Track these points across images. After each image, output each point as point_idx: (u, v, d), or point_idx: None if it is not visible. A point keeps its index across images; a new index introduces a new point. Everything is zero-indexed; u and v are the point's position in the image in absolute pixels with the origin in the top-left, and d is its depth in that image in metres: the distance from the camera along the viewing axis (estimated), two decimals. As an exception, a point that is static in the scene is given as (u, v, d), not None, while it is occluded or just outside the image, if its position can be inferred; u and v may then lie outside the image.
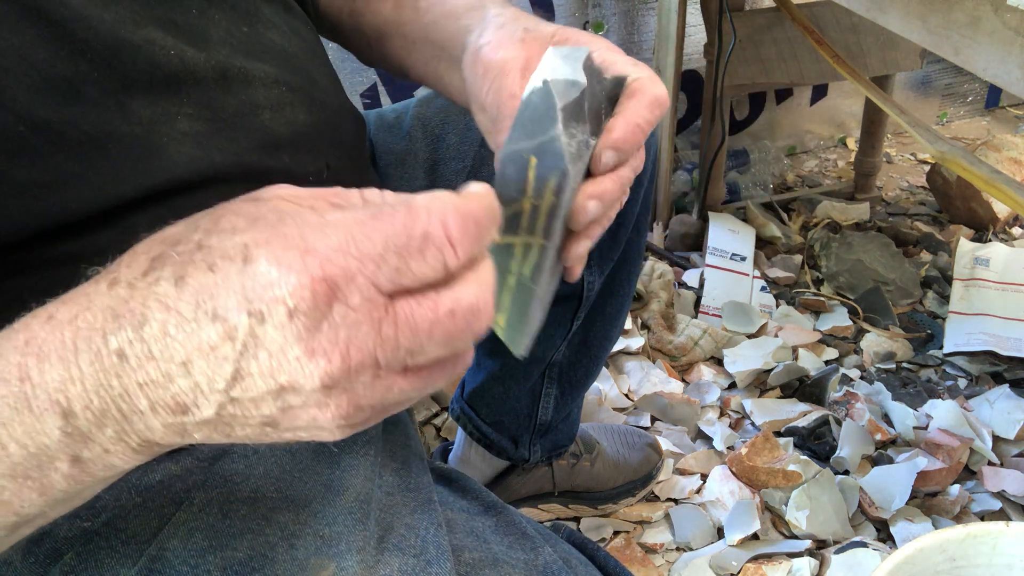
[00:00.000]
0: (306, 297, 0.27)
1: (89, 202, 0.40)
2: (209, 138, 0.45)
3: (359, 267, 0.27)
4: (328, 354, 0.27)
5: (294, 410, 0.29)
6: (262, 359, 0.28)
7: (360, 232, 0.27)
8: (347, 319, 0.27)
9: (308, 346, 0.27)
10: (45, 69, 0.39)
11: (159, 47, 0.43)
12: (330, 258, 0.27)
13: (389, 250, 0.27)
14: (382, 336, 0.28)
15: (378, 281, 0.27)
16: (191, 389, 0.28)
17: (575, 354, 0.99)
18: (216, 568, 0.47)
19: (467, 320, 0.29)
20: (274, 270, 0.27)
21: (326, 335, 0.27)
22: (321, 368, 0.27)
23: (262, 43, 0.50)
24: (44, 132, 0.39)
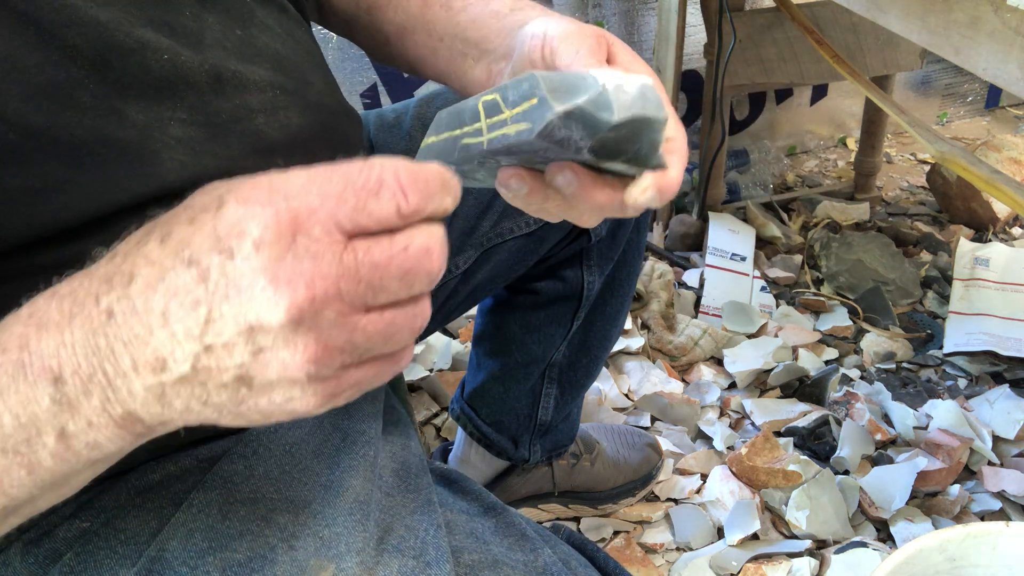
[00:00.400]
0: (270, 228, 0.28)
1: (82, 208, 0.40)
2: (202, 143, 0.45)
3: (320, 203, 0.29)
4: (293, 284, 0.28)
5: (265, 354, 0.29)
6: (231, 297, 0.29)
7: (321, 176, 0.30)
8: (310, 250, 0.29)
9: (274, 276, 0.28)
10: (36, 75, 0.39)
11: (152, 50, 0.43)
12: (293, 194, 0.29)
13: (348, 190, 0.29)
14: (343, 266, 0.29)
15: (338, 217, 0.29)
16: (168, 339, 0.29)
17: (575, 354, 0.99)
18: (215, 569, 0.47)
19: (420, 257, 0.30)
20: (241, 208, 0.29)
21: (290, 265, 0.28)
22: (287, 298, 0.28)
23: (256, 46, 0.50)
24: (36, 139, 0.39)
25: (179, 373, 0.30)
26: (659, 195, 0.40)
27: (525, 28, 0.49)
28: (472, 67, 0.55)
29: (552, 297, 0.92)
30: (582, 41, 0.45)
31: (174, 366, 0.30)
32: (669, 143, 0.41)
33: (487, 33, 0.54)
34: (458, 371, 1.39)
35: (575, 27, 0.46)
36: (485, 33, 0.54)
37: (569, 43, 0.45)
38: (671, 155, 0.41)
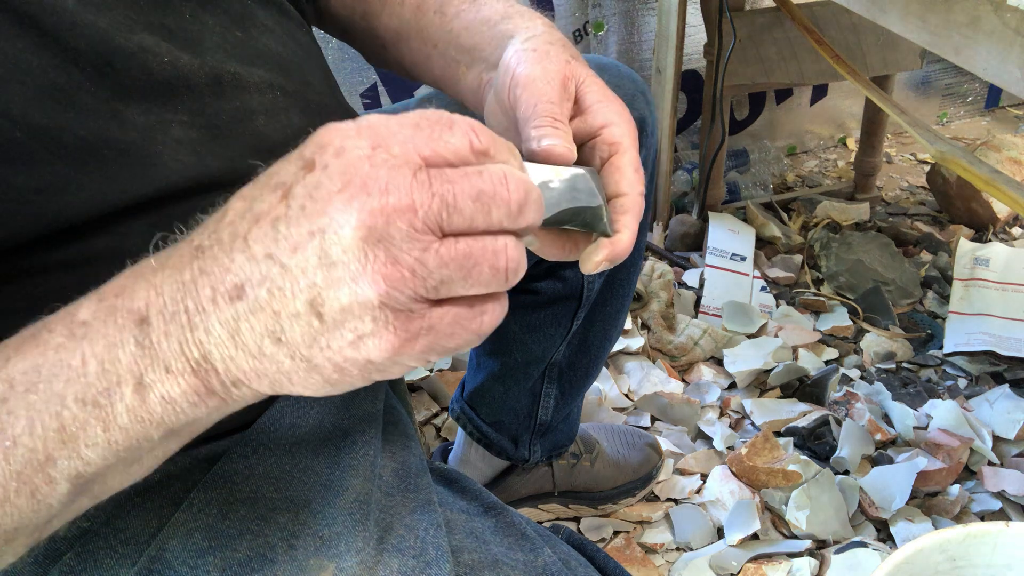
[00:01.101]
0: (351, 138, 0.30)
1: (84, 208, 0.40)
2: (203, 145, 0.45)
3: (399, 127, 0.30)
4: (367, 188, 0.29)
5: (336, 269, 0.29)
6: (308, 207, 0.29)
7: (399, 116, 0.31)
8: (387, 162, 0.29)
9: (349, 180, 0.29)
10: (39, 77, 0.39)
11: (152, 54, 0.43)
12: (374, 121, 0.31)
13: (424, 122, 0.31)
14: (418, 179, 0.29)
15: (416, 140, 0.30)
16: (247, 262, 0.30)
17: (575, 354, 0.99)
18: (215, 568, 0.47)
19: (496, 182, 0.30)
20: (328, 130, 0.31)
21: (367, 172, 0.29)
22: (359, 201, 0.28)
23: (256, 48, 0.50)
24: (40, 138, 0.39)
25: (254, 299, 0.30)
26: (611, 262, 0.43)
27: (507, 48, 0.49)
28: (465, 74, 0.55)
29: (552, 297, 0.92)
30: (542, 92, 0.45)
31: (250, 291, 0.30)
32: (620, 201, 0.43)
33: (478, 40, 0.54)
34: (458, 371, 1.39)
35: (539, 71, 0.46)
36: (476, 40, 0.54)
37: (529, 93, 0.45)
38: (623, 215, 0.43)
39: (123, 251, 0.42)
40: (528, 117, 0.44)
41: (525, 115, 0.44)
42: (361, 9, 0.64)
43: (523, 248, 0.32)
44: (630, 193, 0.44)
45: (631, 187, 0.44)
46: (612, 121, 0.46)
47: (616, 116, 0.47)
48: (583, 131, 0.46)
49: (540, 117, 0.44)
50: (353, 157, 0.29)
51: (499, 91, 0.48)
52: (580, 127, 0.46)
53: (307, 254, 0.29)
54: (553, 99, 0.45)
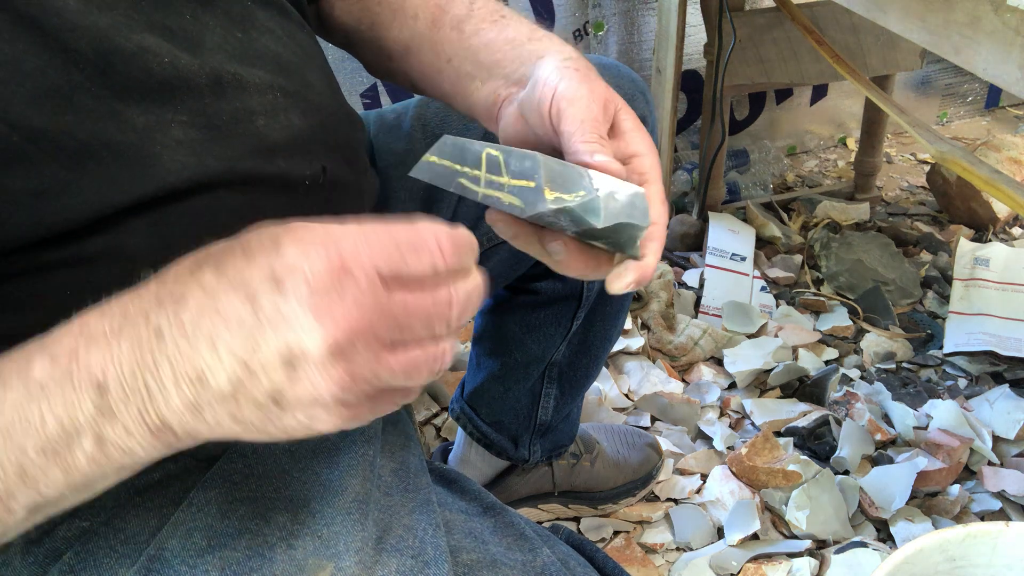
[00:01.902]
0: (321, 268, 0.32)
1: (84, 210, 0.40)
2: (203, 145, 0.45)
3: (368, 254, 0.33)
4: (335, 318, 0.32)
5: (299, 378, 0.32)
6: (279, 325, 0.32)
7: (371, 231, 0.34)
8: (353, 292, 0.32)
9: (318, 310, 0.32)
10: (38, 78, 0.39)
11: (152, 54, 0.43)
12: (344, 243, 0.33)
13: (392, 245, 0.33)
14: (379, 306, 0.33)
15: (380, 266, 0.33)
16: (212, 358, 0.32)
17: (575, 354, 0.99)
18: (215, 568, 0.47)
19: (443, 307, 0.35)
20: (297, 249, 0.33)
21: (335, 301, 0.32)
22: (328, 330, 0.32)
23: (256, 49, 0.50)
24: (38, 141, 0.39)
25: (217, 389, 0.33)
26: (637, 285, 0.46)
27: (542, 64, 0.50)
28: (478, 89, 0.56)
29: (552, 297, 0.92)
30: (589, 109, 0.47)
31: (213, 382, 0.33)
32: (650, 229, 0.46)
33: (500, 58, 0.55)
34: (458, 371, 1.39)
35: (585, 90, 0.48)
36: (498, 58, 0.55)
37: (576, 109, 0.47)
38: (650, 242, 0.46)
39: (123, 250, 0.43)
40: (574, 132, 0.46)
41: (570, 129, 0.47)
42: (369, 20, 0.63)
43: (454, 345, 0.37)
44: (659, 223, 0.47)
45: (659, 217, 0.47)
46: (643, 152, 0.49)
47: (647, 148, 0.50)
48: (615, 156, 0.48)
49: (589, 132, 0.46)
50: (321, 289, 0.32)
51: (533, 104, 0.49)
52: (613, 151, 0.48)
53: (274, 362, 0.32)
54: (598, 117, 0.47)
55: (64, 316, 0.42)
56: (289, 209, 0.49)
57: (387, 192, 0.73)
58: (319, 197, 0.52)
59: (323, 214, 0.52)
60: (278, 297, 0.32)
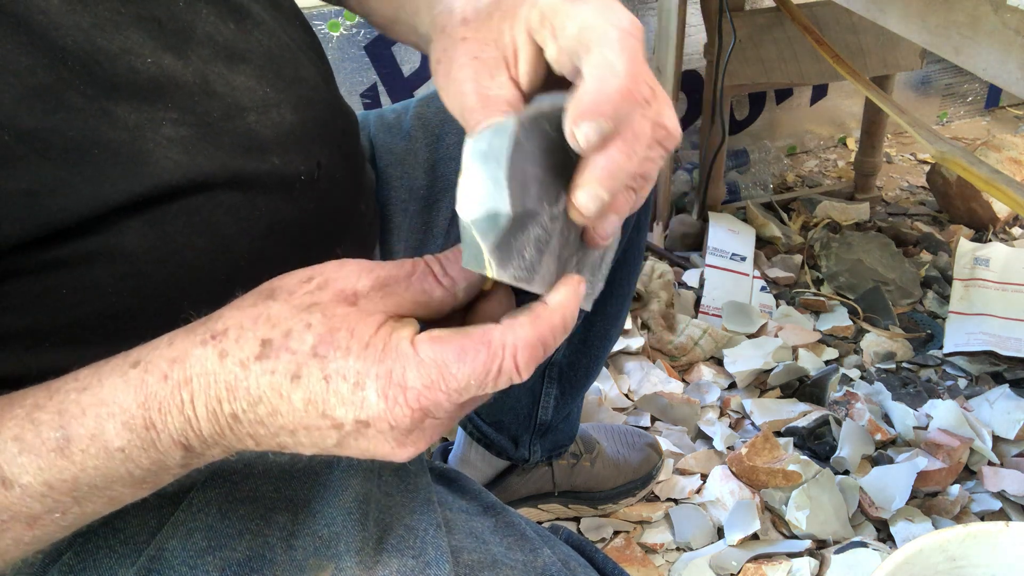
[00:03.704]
0: (404, 421, 0.34)
1: (76, 209, 0.40)
2: (195, 143, 0.45)
3: (446, 398, 0.34)
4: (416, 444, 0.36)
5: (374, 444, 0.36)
6: (361, 443, 0.35)
7: (448, 371, 0.34)
8: (433, 426, 0.36)
9: (401, 443, 0.35)
10: (27, 78, 0.38)
11: (134, 55, 0.43)
12: (424, 394, 0.34)
13: (471, 384, 0.34)
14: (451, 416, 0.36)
15: (460, 402, 0.35)
16: (294, 445, 0.36)
17: (575, 354, 0.98)
18: (215, 568, 0.47)
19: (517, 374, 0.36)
20: (382, 402, 0.34)
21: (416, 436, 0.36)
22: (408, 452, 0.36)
23: (247, 42, 0.50)
24: (29, 141, 0.38)
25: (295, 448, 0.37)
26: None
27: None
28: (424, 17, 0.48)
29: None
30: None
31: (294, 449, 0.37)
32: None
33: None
34: (458, 371, 1.39)
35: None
36: None
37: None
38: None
39: (119, 249, 0.42)
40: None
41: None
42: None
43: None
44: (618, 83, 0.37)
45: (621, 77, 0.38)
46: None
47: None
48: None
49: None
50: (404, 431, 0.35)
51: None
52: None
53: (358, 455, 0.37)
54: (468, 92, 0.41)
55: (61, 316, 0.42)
56: (285, 207, 0.49)
57: (387, 192, 0.73)
58: (315, 193, 0.52)
59: (320, 210, 0.52)
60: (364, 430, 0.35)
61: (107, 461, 0.35)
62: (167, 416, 0.35)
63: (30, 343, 0.42)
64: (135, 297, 0.43)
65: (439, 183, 0.74)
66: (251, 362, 0.35)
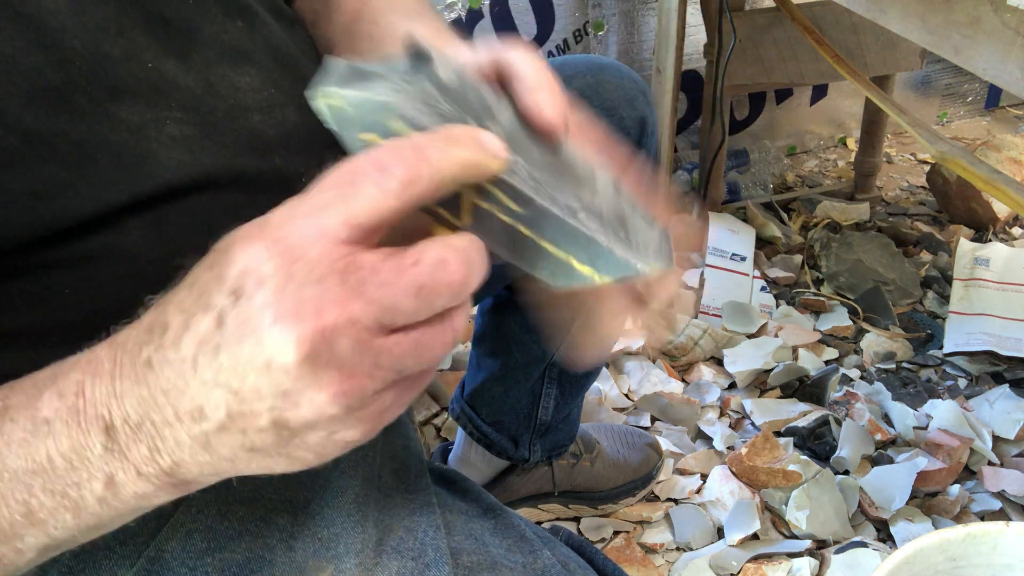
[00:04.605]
0: (270, 263, 0.27)
1: (81, 209, 0.40)
2: (199, 142, 0.45)
3: (317, 226, 0.28)
4: (298, 315, 0.27)
5: (291, 396, 0.28)
6: (246, 338, 0.28)
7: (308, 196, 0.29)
8: (310, 275, 0.27)
9: (278, 310, 0.27)
10: (34, 78, 0.39)
11: (136, 61, 0.43)
12: (287, 224, 0.28)
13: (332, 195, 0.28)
14: (348, 288, 0.27)
15: (339, 234, 0.28)
16: (200, 387, 0.29)
17: (575, 354, 0.98)
18: (214, 570, 0.47)
19: (435, 271, 0.28)
20: (241, 249, 0.28)
21: (291, 295, 0.27)
22: (295, 332, 0.27)
23: (254, 41, 0.50)
24: (34, 142, 0.38)
25: (217, 420, 0.29)
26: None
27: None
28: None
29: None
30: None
31: (211, 414, 0.29)
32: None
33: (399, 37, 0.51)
34: (458, 371, 1.39)
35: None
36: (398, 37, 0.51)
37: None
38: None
39: (123, 249, 0.42)
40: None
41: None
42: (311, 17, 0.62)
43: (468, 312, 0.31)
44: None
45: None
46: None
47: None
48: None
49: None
50: (275, 285, 0.27)
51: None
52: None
53: (257, 382, 0.28)
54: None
55: (62, 315, 0.42)
56: None
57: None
58: None
59: None
60: (236, 305, 0.28)
61: (31, 435, 0.32)
62: (96, 380, 0.31)
63: (30, 342, 0.42)
64: (136, 297, 0.43)
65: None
66: (170, 296, 0.31)
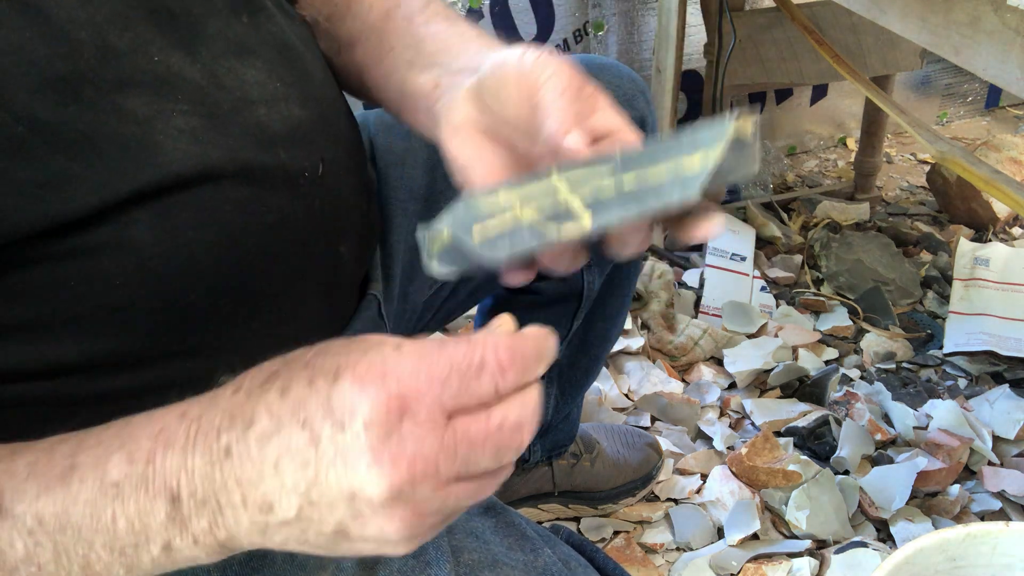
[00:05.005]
0: (380, 411, 0.31)
1: (87, 200, 0.40)
2: (205, 134, 0.45)
3: (427, 388, 0.32)
4: (396, 463, 0.31)
5: (363, 519, 0.32)
6: (338, 466, 0.31)
7: (429, 359, 0.32)
8: (414, 433, 0.31)
9: (378, 455, 0.31)
10: (44, 68, 0.39)
11: (142, 54, 0.43)
12: (403, 379, 0.32)
13: (453, 374, 0.32)
14: (443, 446, 0.32)
15: (442, 400, 0.32)
16: (277, 488, 0.32)
17: (575, 354, 0.98)
18: (215, 569, 0.47)
19: (513, 433, 0.33)
20: (356, 387, 0.32)
21: (395, 446, 0.31)
22: (388, 477, 0.31)
23: (259, 35, 0.50)
24: (42, 132, 0.39)
25: (283, 517, 0.33)
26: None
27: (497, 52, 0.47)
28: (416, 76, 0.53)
29: (552, 297, 0.92)
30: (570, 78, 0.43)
31: (279, 511, 0.33)
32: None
33: (445, 48, 0.53)
34: (458, 371, 1.39)
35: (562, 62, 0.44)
36: (443, 47, 0.53)
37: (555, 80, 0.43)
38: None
39: (128, 241, 0.42)
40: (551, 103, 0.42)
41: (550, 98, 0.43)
42: (328, 11, 0.63)
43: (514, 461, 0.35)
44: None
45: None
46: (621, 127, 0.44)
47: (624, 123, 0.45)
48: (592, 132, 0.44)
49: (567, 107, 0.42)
50: (381, 433, 0.31)
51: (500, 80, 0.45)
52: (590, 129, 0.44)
53: (336, 501, 0.32)
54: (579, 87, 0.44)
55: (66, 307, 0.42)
56: (290, 203, 0.49)
57: (386, 192, 0.73)
58: (319, 190, 0.52)
59: (323, 208, 0.52)
60: (337, 435, 0.31)
61: (99, 495, 0.34)
62: (168, 451, 0.34)
63: (35, 334, 0.43)
64: (141, 290, 0.43)
65: (439, 183, 0.74)
66: (255, 388, 0.34)
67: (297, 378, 0.33)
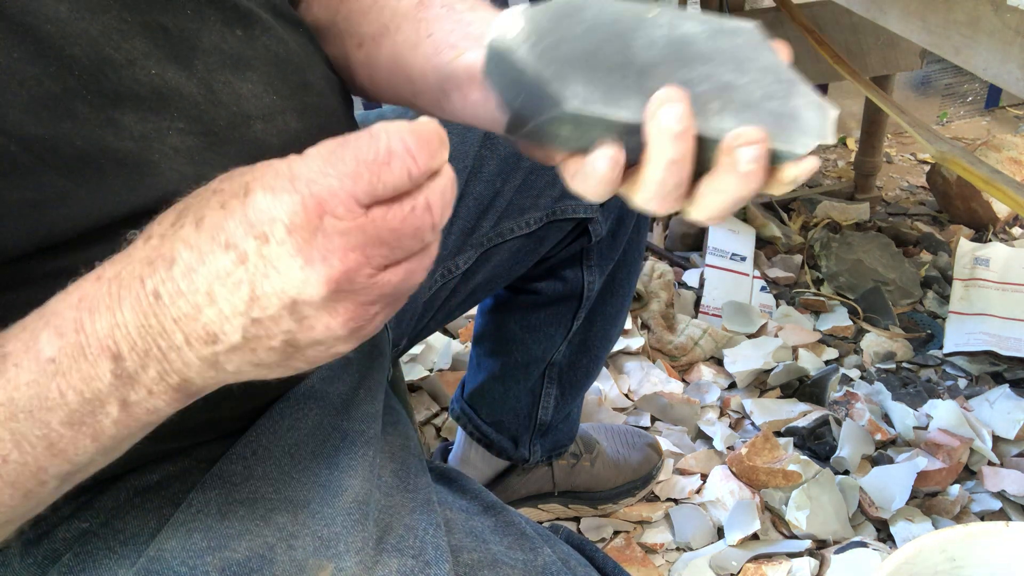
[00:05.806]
0: (299, 213, 0.31)
1: (81, 219, 0.40)
2: (201, 153, 0.44)
3: (340, 184, 0.31)
4: (327, 260, 0.32)
5: (308, 321, 0.33)
6: (272, 276, 0.32)
7: (335, 156, 0.32)
8: (337, 228, 0.31)
9: (308, 256, 0.31)
10: (34, 87, 0.38)
11: (139, 66, 0.43)
12: (314, 180, 0.32)
13: (361, 167, 0.32)
14: (367, 235, 0.32)
15: (357, 194, 0.32)
16: (217, 316, 0.33)
17: (575, 354, 0.98)
18: (215, 569, 0.47)
19: (424, 214, 0.33)
20: (270, 196, 0.32)
21: (322, 244, 0.31)
22: (323, 274, 0.32)
23: (254, 48, 0.49)
24: (35, 150, 0.38)
25: (230, 343, 0.33)
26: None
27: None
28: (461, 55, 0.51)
29: (552, 297, 0.92)
30: None
31: (225, 338, 0.33)
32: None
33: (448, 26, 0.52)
34: (458, 371, 1.39)
35: None
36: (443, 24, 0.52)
37: None
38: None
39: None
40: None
41: None
42: (346, 10, 0.62)
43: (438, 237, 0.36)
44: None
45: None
46: None
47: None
48: None
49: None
50: (306, 235, 0.31)
51: None
52: None
53: (279, 312, 0.33)
54: None
55: None
56: None
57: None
58: None
59: None
60: (263, 247, 0.32)
61: (39, 375, 0.34)
62: (95, 315, 0.33)
63: None
64: None
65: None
66: (167, 230, 0.34)
67: (208, 206, 0.33)
